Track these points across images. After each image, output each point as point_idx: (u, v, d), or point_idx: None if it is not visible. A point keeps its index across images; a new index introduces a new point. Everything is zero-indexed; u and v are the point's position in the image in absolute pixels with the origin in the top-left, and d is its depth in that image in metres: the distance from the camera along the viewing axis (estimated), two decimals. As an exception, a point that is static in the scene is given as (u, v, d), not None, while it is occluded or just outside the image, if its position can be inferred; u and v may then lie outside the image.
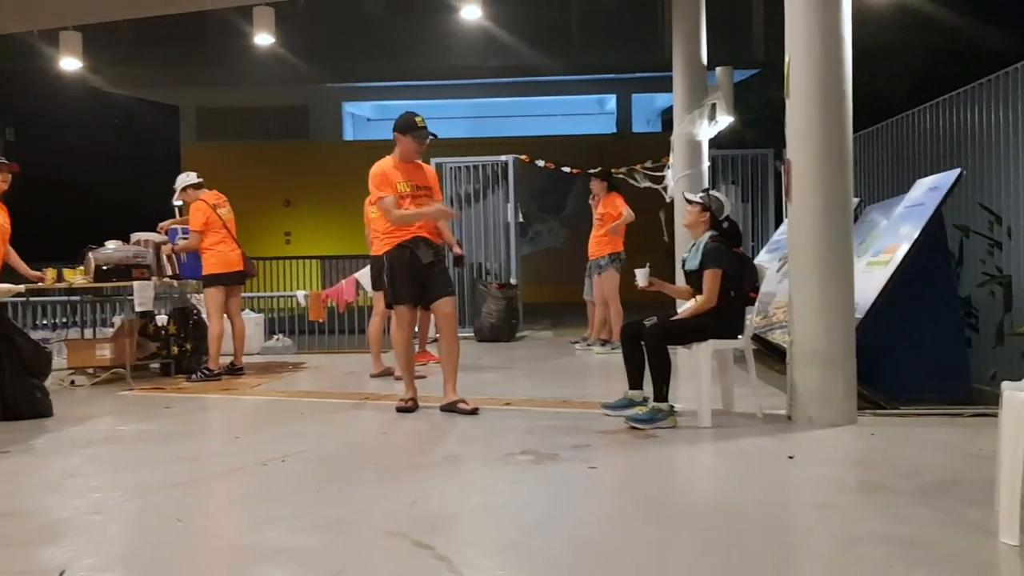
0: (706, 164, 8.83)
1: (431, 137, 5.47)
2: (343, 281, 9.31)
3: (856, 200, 6.21)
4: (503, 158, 10.82)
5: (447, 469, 4.07)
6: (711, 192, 5.32)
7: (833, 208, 4.74)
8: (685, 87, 8.87)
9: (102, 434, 5.13)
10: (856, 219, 5.90)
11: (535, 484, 3.75)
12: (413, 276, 5.31)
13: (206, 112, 20.78)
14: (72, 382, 7.32)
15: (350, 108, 21.61)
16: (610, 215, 8.56)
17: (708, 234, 5.03)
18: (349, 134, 21.56)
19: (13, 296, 6.97)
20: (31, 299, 9.41)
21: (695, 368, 4.94)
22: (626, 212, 8.52)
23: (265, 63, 15.73)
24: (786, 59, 4.87)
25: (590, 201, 8.91)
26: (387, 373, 7.13)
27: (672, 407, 4.79)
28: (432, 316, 6.11)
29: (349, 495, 3.65)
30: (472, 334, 10.03)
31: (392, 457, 4.36)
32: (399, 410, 5.41)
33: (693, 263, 5.01)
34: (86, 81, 14.86)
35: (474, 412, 5.24)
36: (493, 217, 10.85)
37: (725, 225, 5.09)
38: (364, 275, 8.91)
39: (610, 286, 8.48)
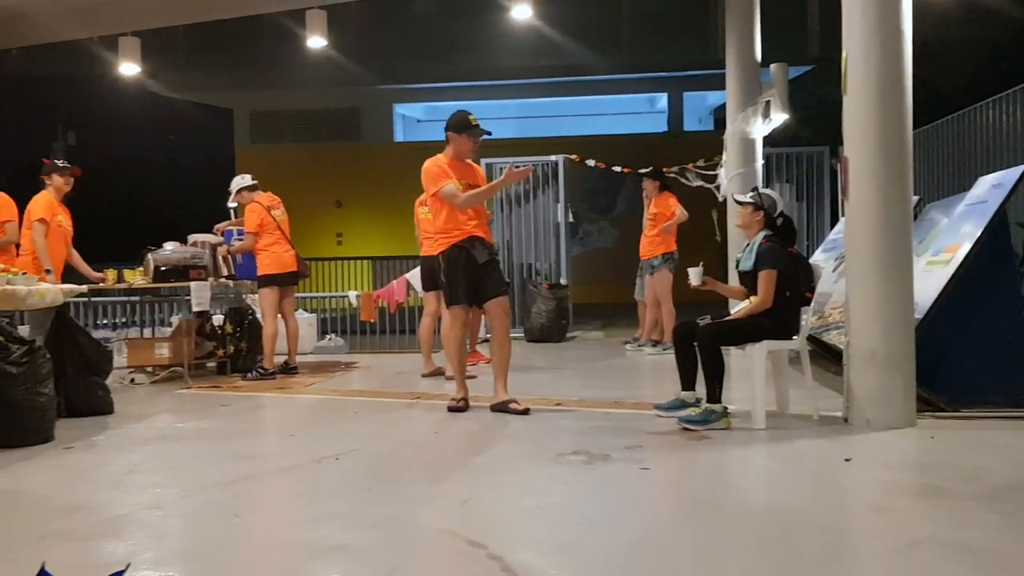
0: (760, 162, 8.71)
1: (485, 135, 5.47)
2: (394, 281, 9.38)
3: (915, 198, 6.07)
4: (553, 158, 10.80)
5: (498, 469, 4.08)
6: (761, 190, 5.25)
7: (892, 206, 4.64)
8: (738, 84, 8.77)
9: (161, 431, 5.24)
10: (915, 217, 5.77)
11: (587, 485, 3.73)
12: (468, 276, 5.33)
13: (259, 115, 21.11)
14: (132, 380, 7.49)
15: (401, 110, 21.77)
16: (663, 215, 8.50)
17: (762, 234, 4.96)
18: (400, 135, 21.73)
19: (76, 296, 7.16)
20: (92, 299, 9.69)
21: (749, 369, 4.88)
22: (679, 212, 8.45)
23: (317, 66, 15.93)
24: (843, 54, 4.78)
25: (645, 198, 8.87)
26: (438, 373, 7.17)
27: (725, 408, 4.73)
28: (483, 316, 6.12)
29: (402, 493, 3.68)
30: (522, 334, 10.04)
31: (444, 456, 4.38)
32: (450, 410, 5.44)
33: (747, 264, 4.94)
34: (144, 86, 15.18)
35: (525, 412, 5.24)
36: (543, 217, 10.85)
37: (779, 222, 5.02)
38: (414, 275, 8.97)
39: (662, 286, 8.42)
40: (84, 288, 6.41)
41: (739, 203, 5.15)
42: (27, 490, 3.82)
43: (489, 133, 5.50)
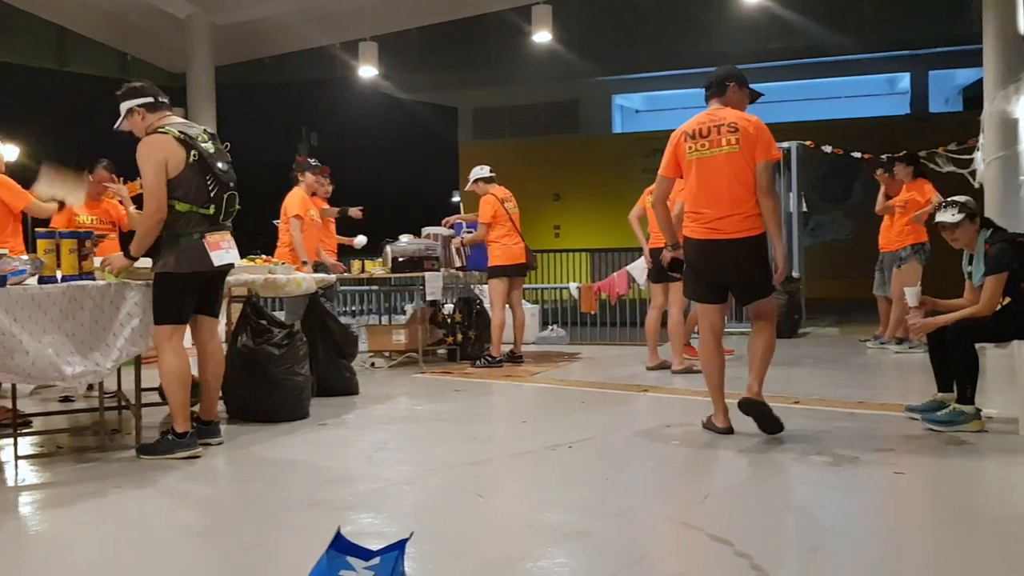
0: (1023, 145, 7.88)
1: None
2: (615, 273, 9.36)
3: None
4: (785, 145, 10.33)
5: (737, 466, 3.94)
6: (955, 199, 4.67)
7: None
8: (998, 59, 7.96)
9: (402, 413, 5.52)
10: None
11: (835, 487, 3.52)
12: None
13: (482, 112, 21.78)
14: (372, 364, 7.95)
15: (620, 100, 21.69)
16: (916, 202, 7.87)
17: (982, 236, 4.48)
18: (618, 127, 21.67)
19: (325, 285, 7.70)
20: (338, 288, 10.39)
21: (1015, 369, 4.41)
22: (935, 199, 7.81)
23: (539, 60, 16.18)
24: None
25: (884, 185, 8.29)
26: (663, 366, 7.07)
27: (978, 410, 4.33)
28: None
29: (639, 484, 3.65)
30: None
31: (678, 450, 4.29)
32: (706, 427, 4.62)
33: (979, 275, 4.46)
34: (377, 88, 16.10)
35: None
36: (773, 207, 10.39)
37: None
38: (636, 267, 8.91)
39: (912, 280, 7.82)
40: (334, 277, 6.88)
41: (950, 225, 4.57)
42: (291, 461, 4.13)
43: (762, 94, 4.74)
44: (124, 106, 4.20)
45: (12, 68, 15.61)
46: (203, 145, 4.11)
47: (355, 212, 7.80)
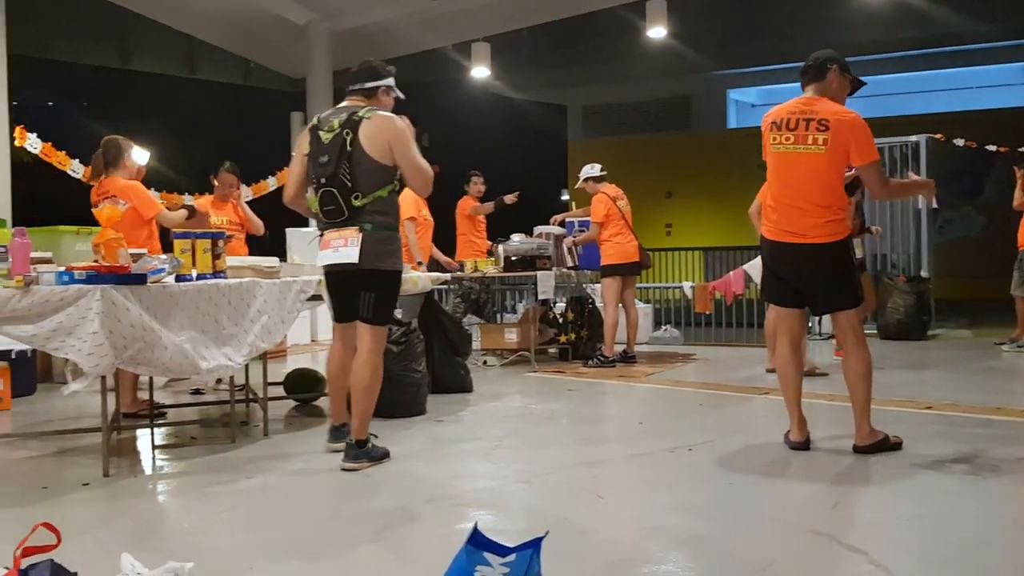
0: None
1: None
2: (731, 273, 9.14)
3: None
4: (913, 138, 9.90)
5: (868, 473, 3.77)
6: None
7: None
8: None
9: (516, 411, 5.53)
10: None
11: (974, 497, 3.33)
12: None
13: (591, 109, 21.67)
14: (484, 362, 8.01)
15: (735, 95, 21.18)
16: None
17: None
18: (733, 122, 21.18)
19: (439, 284, 7.82)
20: (450, 286, 10.52)
21: None
22: None
23: (650, 56, 15.97)
24: None
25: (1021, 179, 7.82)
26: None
27: None
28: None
29: (764, 489, 3.54)
30: (875, 331, 9.31)
31: (801, 455, 4.13)
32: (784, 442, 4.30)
33: None
34: (486, 87, 16.22)
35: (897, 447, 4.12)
36: (900, 203, 9.96)
37: None
38: (752, 266, 8.66)
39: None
40: (448, 276, 6.97)
41: None
42: (409, 455, 4.19)
43: (865, 83, 4.39)
44: (385, 83, 4.07)
45: (146, 76, 16.52)
46: (320, 133, 3.89)
47: (510, 199, 8.37)
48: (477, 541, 1.74)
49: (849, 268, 4.06)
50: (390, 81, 4.10)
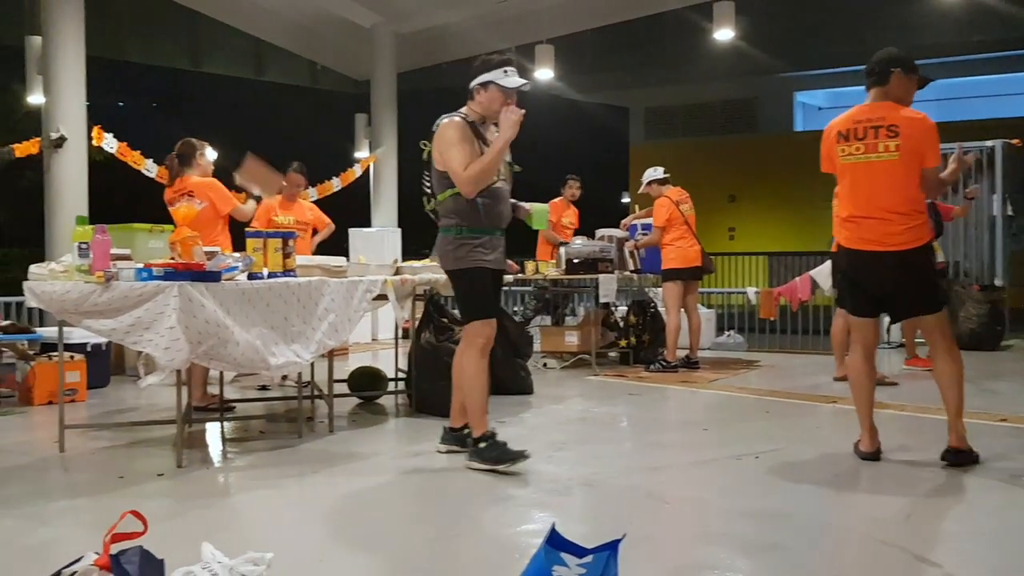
0: None
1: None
2: (797, 279, 8.98)
3: None
4: (989, 143, 9.61)
5: (940, 484, 3.68)
6: None
7: None
8: None
9: (578, 414, 5.52)
10: None
11: (1055, 513, 3.23)
12: None
13: (654, 111, 21.52)
14: (544, 365, 8.00)
15: (802, 97, 20.82)
16: None
17: None
18: (799, 125, 20.82)
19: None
20: (512, 288, 10.55)
21: None
22: None
23: (715, 58, 15.77)
24: None
25: None
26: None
27: None
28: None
29: (833, 499, 3.48)
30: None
31: (871, 465, 4.04)
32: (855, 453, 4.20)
33: None
34: (549, 89, 16.21)
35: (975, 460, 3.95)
36: (974, 210, 9.67)
37: None
38: (820, 272, 8.51)
39: None
40: (511, 278, 6.98)
41: None
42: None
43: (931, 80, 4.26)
44: (476, 82, 4.06)
45: (216, 78, 16.92)
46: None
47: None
48: (555, 541, 1.74)
49: (932, 272, 4.00)
50: (481, 79, 4.03)
